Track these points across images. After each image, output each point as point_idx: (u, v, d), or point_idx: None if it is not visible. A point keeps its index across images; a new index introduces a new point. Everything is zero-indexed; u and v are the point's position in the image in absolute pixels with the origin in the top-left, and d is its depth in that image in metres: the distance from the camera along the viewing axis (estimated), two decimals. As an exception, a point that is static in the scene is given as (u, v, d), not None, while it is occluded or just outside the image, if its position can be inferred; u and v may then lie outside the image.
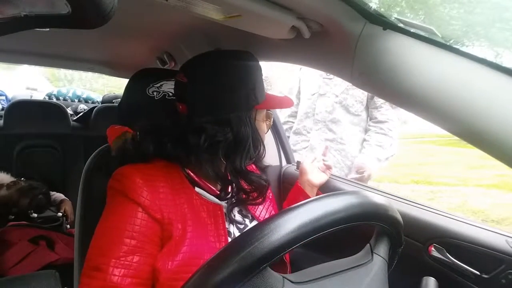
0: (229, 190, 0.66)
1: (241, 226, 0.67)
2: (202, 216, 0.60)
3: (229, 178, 0.62)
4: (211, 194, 0.63)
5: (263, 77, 0.67)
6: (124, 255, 0.52)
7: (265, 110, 0.69)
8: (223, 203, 0.65)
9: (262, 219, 0.70)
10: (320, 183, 0.93)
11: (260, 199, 0.67)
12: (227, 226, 0.63)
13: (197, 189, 0.62)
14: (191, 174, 0.63)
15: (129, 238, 0.53)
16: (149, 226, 0.55)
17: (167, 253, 0.55)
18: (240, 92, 0.61)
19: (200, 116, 0.60)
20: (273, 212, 0.74)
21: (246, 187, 0.65)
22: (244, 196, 0.66)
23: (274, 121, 1.22)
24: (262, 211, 0.73)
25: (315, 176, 0.93)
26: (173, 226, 0.56)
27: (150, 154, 0.62)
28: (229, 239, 0.61)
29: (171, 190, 0.59)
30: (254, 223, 0.69)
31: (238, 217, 0.68)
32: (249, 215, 0.70)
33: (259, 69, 0.66)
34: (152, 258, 0.54)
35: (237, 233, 0.65)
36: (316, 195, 0.88)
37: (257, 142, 0.64)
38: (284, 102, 0.71)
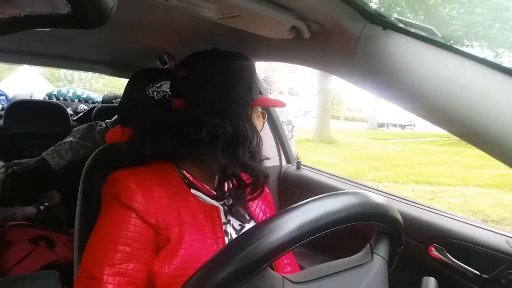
0: (226, 189, 0.66)
1: (238, 227, 0.66)
2: (199, 218, 0.60)
3: (229, 172, 0.62)
4: (207, 196, 0.63)
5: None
6: (118, 263, 0.51)
7: (259, 108, 0.72)
8: (219, 205, 0.64)
9: (260, 219, 0.70)
10: None
11: (258, 191, 0.67)
12: (224, 227, 0.62)
13: (193, 190, 0.62)
14: (187, 175, 0.63)
15: (123, 245, 0.52)
16: (143, 232, 0.54)
17: (164, 257, 0.53)
18: (239, 88, 0.62)
19: (199, 110, 0.61)
20: (268, 214, 0.73)
21: (245, 180, 0.66)
22: (242, 190, 0.66)
23: (274, 121, 1.23)
24: (260, 213, 0.73)
25: None
26: (170, 230, 0.55)
27: (147, 155, 0.62)
28: (227, 241, 0.61)
29: (166, 193, 0.58)
30: (252, 223, 0.68)
31: (235, 218, 0.68)
32: (247, 216, 0.70)
33: (254, 68, 0.69)
34: (147, 264, 0.53)
35: (234, 235, 0.64)
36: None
37: (255, 135, 0.65)
38: (276, 103, 0.76)
